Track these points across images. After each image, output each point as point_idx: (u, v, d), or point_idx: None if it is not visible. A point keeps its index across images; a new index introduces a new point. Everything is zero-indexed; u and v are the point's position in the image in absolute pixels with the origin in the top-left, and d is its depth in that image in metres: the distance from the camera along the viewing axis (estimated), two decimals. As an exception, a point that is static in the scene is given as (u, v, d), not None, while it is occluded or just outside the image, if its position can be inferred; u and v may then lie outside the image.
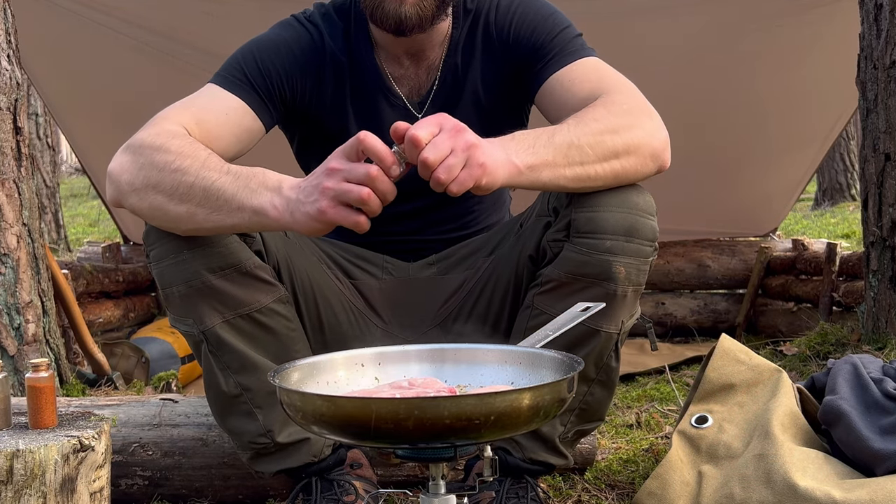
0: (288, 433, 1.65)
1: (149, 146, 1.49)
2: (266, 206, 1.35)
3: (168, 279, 1.56)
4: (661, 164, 1.54)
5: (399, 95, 1.76)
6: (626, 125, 1.49)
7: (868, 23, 2.71)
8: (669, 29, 3.45)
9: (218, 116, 1.63)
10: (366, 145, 1.29)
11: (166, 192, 1.44)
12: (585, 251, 1.52)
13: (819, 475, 1.54)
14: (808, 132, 4.06)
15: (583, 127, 1.46)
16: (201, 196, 1.41)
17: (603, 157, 1.46)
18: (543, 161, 1.41)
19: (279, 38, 1.74)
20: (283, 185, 1.36)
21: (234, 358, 1.59)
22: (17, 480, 1.29)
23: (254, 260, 1.58)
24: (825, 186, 9.51)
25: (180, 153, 1.45)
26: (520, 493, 1.67)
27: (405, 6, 1.62)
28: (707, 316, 4.37)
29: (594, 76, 1.63)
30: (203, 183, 1.41)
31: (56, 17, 3.32)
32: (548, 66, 1.67)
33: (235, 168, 1.42)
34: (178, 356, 3.41)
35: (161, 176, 1.45)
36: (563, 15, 1.74)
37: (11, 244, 2.50)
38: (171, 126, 1.55)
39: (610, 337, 1.58)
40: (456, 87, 1.76)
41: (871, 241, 2.74)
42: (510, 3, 1.74)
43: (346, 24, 1.77)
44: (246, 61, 1.70)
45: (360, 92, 1.76)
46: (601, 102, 1.52)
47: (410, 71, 1.76)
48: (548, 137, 1.43)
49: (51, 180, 7.16)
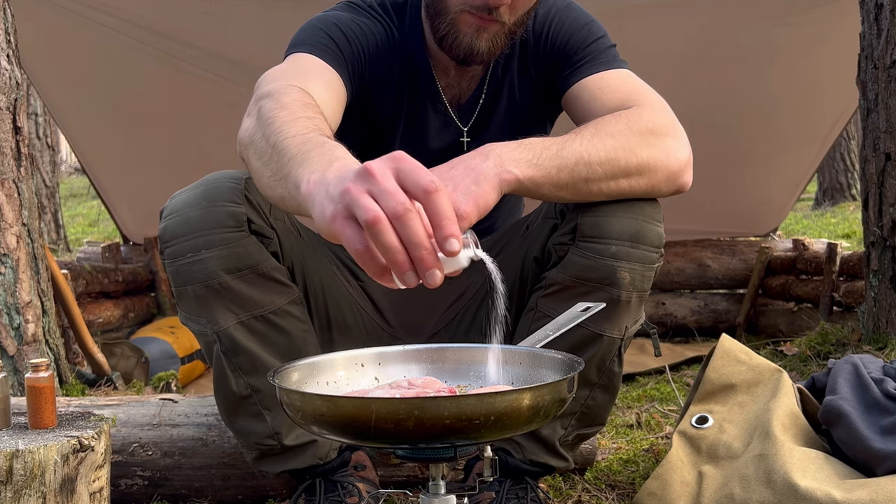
0: (295, 436, 1.65)
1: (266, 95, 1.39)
2: (302, 179, 1.12)
3: (183, 278, 1.54)
4: (680, 186, 1.51)
5: (444, 103, 1.76)
6: (643, 143, 1.46)
7: (868, 22, 2.71)
8: (669, 29, 3.45)
9: (324, 82, 1.55)
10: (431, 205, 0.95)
11: (254, 146, 1.33)
12: (590, 255, 1.51)
13: (819, 475, 1.53)
14: (808, 132, 4.06)
15: (597, 141, 1.43)
16: (270, 154, 1.26)
17: (611, 175, 1.44)
18: (546, 175, 1.39)
19: (357, 20, 1.68)
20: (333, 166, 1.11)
21: (246, 359, 1.58)
22: (16, 480, 1.29)
23: (271, 261, 1.57)
24: (825, 186, 9.52)
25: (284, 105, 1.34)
26: (520, 494, 1.67)
27: (480, 41, 1.59)
28: (707, 316, 4.37)
29: (625, 87, 1.61)
30: (274, 139, 1.26)
31: (56, 17, 3.32)
32: (579, 70, 1.66)
33: (313, 135, 1.23)
34: (178, 356, 3.42)
35: (259, 126, 1.34)
36: (599, 24, 1.73)
37: (11, 244, 2.50)
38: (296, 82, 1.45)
39: (613, 342, 1.58)
40: (496, 98, 1.76)
41: (871, 240, 2.74)
42: (548, 12, 1.73)
43: (402, 21, 1.73)
44: (333, 32, 1.63)
45: (413, 93, 1.74)
46: (624, 116, 1.50)
47: (455, 80, 1.75)
48: (557, 149, 1.40)
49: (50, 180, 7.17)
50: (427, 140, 1.76)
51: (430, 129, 1.74)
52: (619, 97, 1.59)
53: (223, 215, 1.51)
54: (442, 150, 1.69)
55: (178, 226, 1.53)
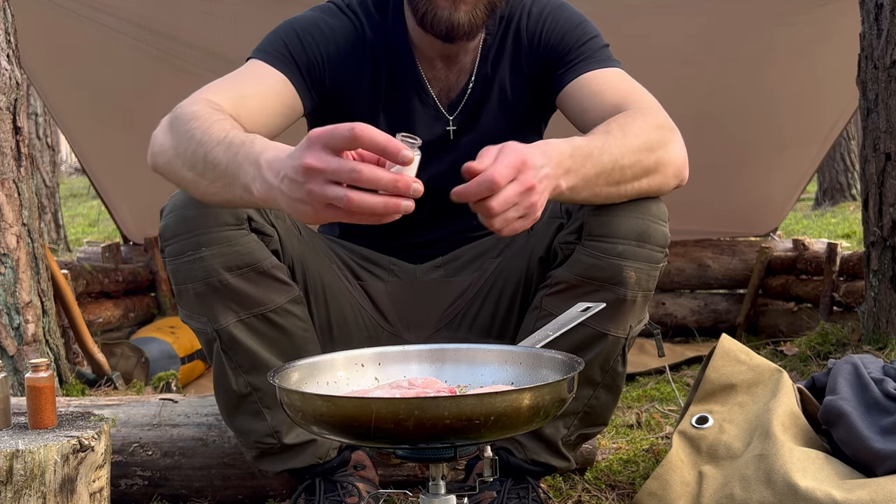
0: (295, 434, 1.65)
1: (179, 114, 1.47)
2: (250, 185, 1.26)
3: (184, 276, 1.54)
4: (681, 181, 1.54)
5: (431, 96, 1.75)
6: (659, 142, 1.49)
7: (868, 22, 2.71)
8: (669, 29, 3.45)
9: (260, 90, 1.60)
10: (363, 141, 1.11)
11: (180, 157, 1.41)
12: (597, 254, 1.52)
13: (819, 475, 1.53)
14: (808, 132, 4.06)
15: (628, 142, 1.44)
16: (202, 166, 1.36)
17: (636, 176, 1.46)
18: (585, 182, 1.39)
19: (322, 21, 1.71)
20: (262, 163, 1.24)
21: (246, 357, 1.58)
22: (16, 481, 1.29)
23: (271, 259, 1.57)
24: (826, 186, 9.52)
25: (197, 117, 1.42)
26: (521, 494, 1.67)
27: (458, 13, 1.60)
28: (707, 316, 4.37)
29: (621, 86, 1.63)
30: (202, 151, 1.36)
31: (56, 16, 3.32)
32: (574, 68, 1.67)
33: (231, 136, 1.34)
34: (178, 356, 3.41)
35: (177, 141, 1.42)
36: (592, 24, 1.74)
37: (11, 244, 2.50)
38: (208, 95, 1.52)
39: (617, 341, 1.58)
40: (486, 93, 1.76)
41: (871, 240, 2.74)
42: (541, 11, 1.74)
43: (384, 18, 1.74)
44: (289, 38, 1.67)
45: (395, 88, 1.74)
46: (641, 115, 1.52)
47: (442, 73, 1.76)
48: (598, 155, 1.40)
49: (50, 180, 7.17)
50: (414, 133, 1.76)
51: (417, 122, 1.74)
52: (618, 95, 1.60)
53: (223, 213, 1.51)
54: (431, 142, 1.69)
55: (178, 224, 1.53)
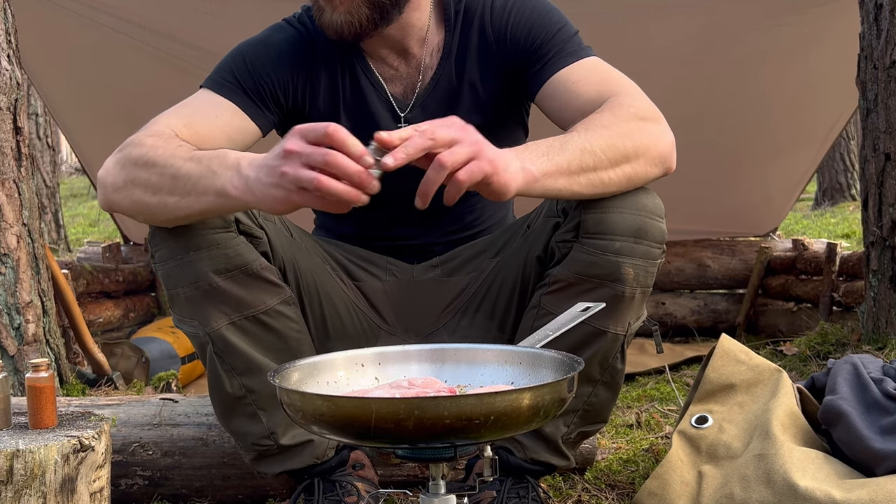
0: (292, 435, 1.65)
1: (128, 145, 1.52)
2: (227, 186, 1.34)
3: (174, 280, 1.55)
4: (668, 168, 1.54)
5: (387, 93, 1.75)
6: (634, 129, 1.49)
7: (868, 23, 2.71)
8: (669, 29, 3.45)
9: (207, 117, 1.64)
10: (334, 140, 1.21)
11: (141, 186, 1.46)
12: (594, 252, 1.52)
13: (819, 475, 1.53)
14: (808, 132, 4.06)
15: (593, 133, 1.45)
16: (170, 184, 1.42)
17: (615, 161, 1.46)
18: (559, 168, 1.40)
19: (269, 39, 1.74)
20: (242, 164, 1.34)
21: (240, 360, 1.59)
22: (17, 480, 1.29)
23: (260, 261, 1.57)
24: (825, 186, 9.52)
25: (153, 146, 1.47)
26: (521, 493, 1.67)
27: (336, 14, 1.62)
28: (707, 316, 4.37)
29: (598, 77, 1.62)
30: (170, 171, 1.42)
31: (56, 17, 3.32)
32: (548, 65, 1.66)
33: (200, 153, 1.42)
34: (178, 356, 3.41)
35: (136, 171, 1.47)
36: (560, 12, 1.72)
37: (11, 244, 2.50)
38: (158, 127, 1.56)
39: (616, 338, 1.58)
40: (452, 91, 1.75)
41: (871, 241, 2.74)
42: (505, 4, 1.72)
43: None
44: (236, 64, 1.71)
45: (353, 92, 1.75)
46: (608, 107, 1.52)
47: (402, 70, 1.75)
48: (560, 144, 1.42)
49: (51, 180, 7.16)
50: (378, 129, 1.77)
51: (380, 121, 1.74)
52: (595, 88, 1.59)
53: (211, 217, 1.52)
54: None
55: (165, 229, 1.54)
